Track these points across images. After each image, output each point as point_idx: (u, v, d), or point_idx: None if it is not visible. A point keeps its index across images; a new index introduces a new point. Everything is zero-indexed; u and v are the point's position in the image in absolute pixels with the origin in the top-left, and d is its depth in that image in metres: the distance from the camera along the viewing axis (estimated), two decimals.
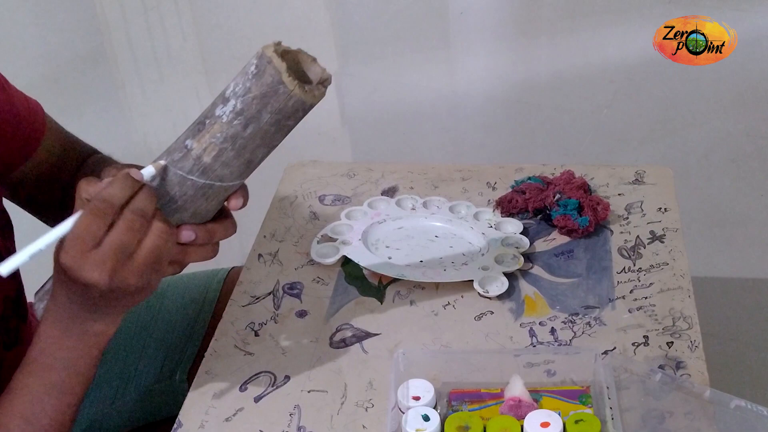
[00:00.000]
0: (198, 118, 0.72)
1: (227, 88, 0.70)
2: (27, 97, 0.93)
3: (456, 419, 0.77)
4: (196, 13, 3.82)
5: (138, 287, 0.70)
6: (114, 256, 0.67)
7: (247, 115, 0.70)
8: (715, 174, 2.34)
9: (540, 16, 3.50)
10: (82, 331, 0.73)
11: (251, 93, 0.69)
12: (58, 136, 0.95)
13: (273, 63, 0.68)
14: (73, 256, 0.67)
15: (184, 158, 0.71)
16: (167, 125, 2.90)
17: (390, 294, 0.98)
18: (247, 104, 0.69)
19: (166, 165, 0.72)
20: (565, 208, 1.05)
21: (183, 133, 0.73)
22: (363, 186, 1.18)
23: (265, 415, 0.84)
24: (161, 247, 0.70)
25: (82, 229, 0.67)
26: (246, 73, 0.69)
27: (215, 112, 0.70)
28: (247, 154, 0.71)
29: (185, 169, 0.71)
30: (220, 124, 0.70)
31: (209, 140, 0.70)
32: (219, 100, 0.71)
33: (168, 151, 0.73)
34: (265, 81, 0.69)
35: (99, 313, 0.72)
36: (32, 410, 0.75)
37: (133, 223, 0.68)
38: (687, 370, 0.85)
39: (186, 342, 1.09)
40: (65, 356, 0.74)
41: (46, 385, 0.75)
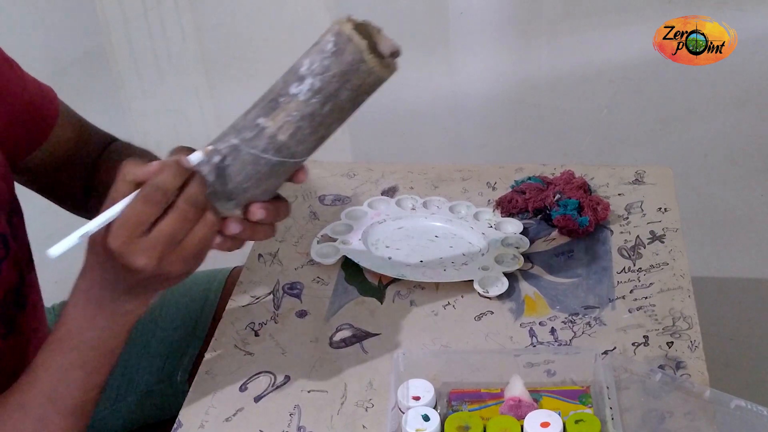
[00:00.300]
0: (267, 95, 0.72)
1: (300, 65, 0.70)
2: (40, 82, 0.93)
3: (456, 419, 0.77)
4: (196, 13, 3.81)
5: (180, 274, 0.71)
6: (164, 243, 0.68)
7: (326, 93, 0.69)
8: (715, 174, 2.34)
9: (540, 16, 3.49)
10: (113, 311, 0.73)
11: (330, 71, 0.69)
12: (72, 121, 0.96)
13: (354, 41, 0.68)
14: (123, 242, 0.68)
15: (258, 137, 0.71)
16: (167, 125, 2.90)
17: (390, 294, 0.98)
18: (326, 82, 0.69)
19: (237, 144, 0.71)
20: (565, 208, 1.05)
21: (251, 111, 0.72)
22: (363, 186, 1.18)
23: (265, 415, 0.84)
24: (209, 237, 0.70)
25: (133, 216, 0.67)
26: (323, 51, 0.69)
27: (289, 90, 0.70)
28: (322, 131, 0.72)
29: (259, 147, 0.71)
30: (296, 102, 0.70)
31: (285, 118, 0.70)
32: (291, 77, 0.70)
33: (235, 129, 0.72)
34: (345, 59, 0.68)
35: (132, 294, 0.73)
36: (56, 389, 0.75)
37: (187, 214, 0.68)
38: (687, 370, 0.85)
39: (187, 343, 1.09)
40: (94, 335, 0.74)
41: (73, 364, 0.75)
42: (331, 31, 0.69)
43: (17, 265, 0.86)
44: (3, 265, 0.83)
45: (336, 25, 0.69)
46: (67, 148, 0.95)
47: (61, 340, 0.75)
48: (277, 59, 3.28)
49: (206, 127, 2.98)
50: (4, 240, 0.84)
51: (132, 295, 0.73)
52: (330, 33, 0.69)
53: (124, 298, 0.73)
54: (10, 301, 0.85)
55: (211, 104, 3.17)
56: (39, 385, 0.75)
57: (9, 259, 0.84)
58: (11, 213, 0.86)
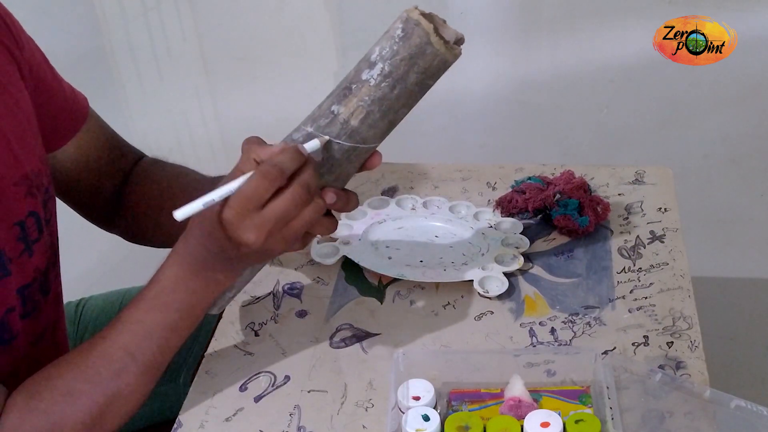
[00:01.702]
0: (341, 84, 0.75)
1: (371, 53, 0.74)
2: (74, 87, 0.98)
3: (456, 419, 0.77)
4: (196, 13, 3.81)
5: (280, 252, 0.76)
6: (274, 222, 0.72)
7: (395, 77, 0.73)
8: (715, 174, 2.34)
9: (540, 16, 3.49)
10: (206, 278, 0.78)
11: (399, 55, 0.72)
12: (102, 131, 0.99)
13: (421, 25, 0.72)
14: (237, 213, 0.72)
15: (331, 123, 0.75)
16: (167, 125, 2.90)
17: (390, 294, 0.98)
18: (395, 66, 0.73)
19: (312, 132, 0.75)
20: (565, 208, 1.05)
21: (325, 101, 0.76)
22: (363, 186, 1.18)
23: (265, 415, 0.84)
24: (315, 221, 0.75)
25: (250, 190, 0.71)
26: (392, 37, 0.73)
27: (361, 76, 0.74)
28: (391, 115, 0.75)
29: (333, 134, 0.75)
30: (367, 87, 0.74)
31: (357, 104, 0.74)
32: (363, 65, 0.74)
33: (312, 118, 0.76)
34: (413, 42, 0.72)
35: (229, 264, 0.77)
36: (138, 345, 0.78)
37: (301, 197, 0.72)
38: (687, 370, 0.85)
39: (191, 344, 1.09)
40: (184, 298, 0.78)
41: (158, 323, 0.79)
42: (399, 19, 0.73)
43: (48, 250, 0.88)
44: (35, 247, 0.85)
45: (404, 13, 0.73)
46: (94, 155, 0.98)
47: (152, 299, 0.78)
48: (277, 59, 3.29)
49: (206, 127, 2.98)
50: (39, 222, 0.86)
51: (227, 265, 0.77)
52: (399, 20, 0.73)
53: (220, 267, 0.77)
54: (37, 287, 0.87)
55: (211, 104, 3.17)
56: (122, 339, 0.78)
57: (42, 243, 0.86)
58: (47, 198, 0.88)
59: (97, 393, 0.77)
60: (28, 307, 0.85)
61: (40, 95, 0.90)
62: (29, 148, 0.85)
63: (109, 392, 0.78)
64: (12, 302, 0.83)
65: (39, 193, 0.86)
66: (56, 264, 0.92)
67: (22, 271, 0.83)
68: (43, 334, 0.90)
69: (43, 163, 0.88)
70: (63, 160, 0.95)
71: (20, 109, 0.85)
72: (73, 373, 0.78)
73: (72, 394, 0.77)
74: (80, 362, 0.78)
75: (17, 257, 0.82)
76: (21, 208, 0.83)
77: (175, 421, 0.84)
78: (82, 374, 0.78)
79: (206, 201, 0.72)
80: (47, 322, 0.91)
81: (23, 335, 0.85)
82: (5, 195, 0.81)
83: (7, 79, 0.84)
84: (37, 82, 0.90)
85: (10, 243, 0.82)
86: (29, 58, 0.89)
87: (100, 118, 1.00)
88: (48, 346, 0.91)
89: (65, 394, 0.77)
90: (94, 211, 1.03)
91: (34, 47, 0.91)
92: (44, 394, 0.77)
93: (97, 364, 0.78)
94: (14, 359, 0.85)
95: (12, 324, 0.83)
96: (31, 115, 0.87)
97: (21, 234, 0.83)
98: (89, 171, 0.98)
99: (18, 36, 0.87)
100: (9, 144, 0.82)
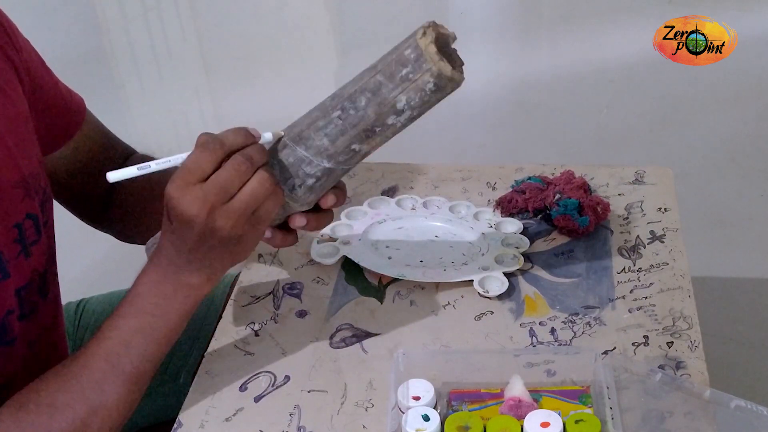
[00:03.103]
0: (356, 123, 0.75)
1: (394, 100, 0.74)
2: (71, 89, 0.98)
3: (456, 419, 0.77)
4: (196, 13, 3.81)
5: (231, 236, 0.73)
6: (215, 193, 0.71)
7: (417, 115, 0.76)
8: (715, 174, 2.34)
9: (540, 16, 3.50)
10: (177, 280, 0.77)
11: (429, 103, 0.75)
12: (97, 131, 0.99)
13: (455, 80, 0.73)
14: (178, 186, 0.71)
15: (353, 158, 0.77)
16: (167, 125, 2.90)
17: (390, 294, 0.98)
18: (424, 110, 0.76)
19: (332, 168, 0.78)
20: (565, 208, 1.05)
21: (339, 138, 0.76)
22: (363, 186, 1.18)
23: (265, 415, 0.84)
24: (260, 195, 0.73)
25: (191, 162, 0.71)
26: (422, 90, 0.73)
27: (386, 121, 0.75)
28: None
29: (352, 163, 0.78)
30: (394, 128, 0.76)
31: (380, 141, 0.77)
32: (388, 110, 0.75)
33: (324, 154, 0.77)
34: (446, 92, 0.74)
35: (195, 263, 0.76)
36: (117, 353, 0.78)
37: (240, 165, 0.71)
38: (687, 370, 0.85)
39: (192, 344, 1.09)
40: (159, 302, 0.77)
41: (135, 329, 0.78)
42: (429, 72, 0.72)
43: (46, 252, 0.88)
44: (34, 249, 0.85)
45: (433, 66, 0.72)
46: (89, 156, 0.98)
47: (128, 305, 0.78)
48: (277, 59, 3.30)
49: (206, 127, 2.97)
50: (37, 224, 0.86)
51: (194, 264, 0.76)
52: (428, 74, 0.72)
53: (187, 267, 0.76)
54: (35, 288, 0.87)
55: (210, 104, 3.17)
56: (101, 348, 0.78)
57: (40, 244, 0.86)
58: (44, 200, 0.88)
59: (80, 404, 0.76)
60: (26, 308, 0.85)
61: (37, 98, 0.90)
62: (27, 151, 0.85)
63: (91, 403, 0.77)
64: (11, 304, 0.83)
65: (37, 195, 0.86)
66: (54, 265, 0.92)
67: (20, 272, 0.83)
68: (41, 335, 0.90)
69: (41, 165, 0.88)
70: (58, 161, 0.95)
71: (18, 112, 0.85)
72: (57, 384, 0.77)
73: (55, 406, 0.76)
74: (64, 374, 0.78)
75: (15, 259, 0.83)
76: (19, 210, 0.83)
77: (175, 421, 0.84)
78: (65, 385, 0.77)
79: (142, 166, 0.73)
80: (45, 324, 0.91)
81: (21, 337, 0.85)
82: (3, 197, 0.81)
83: (5, 83, 0.84)
84: (35, 85, 0.90)
85: (8, 245, 0.82)
86: (26, 61, 0.89)
87: (95, 118, 1.00)
88: (46, 347, 0.91)
89: (49, 405, 0.76)
90: (87, 210, 1.03)
91: (31, 50, 0.91)
92: (30, 407, 0.76)
93: (79, 374, 0.77)
94: (13, 361, 0.85)
95: (11, 326, 0.83)
96: (28, 118, 0.87)
97: (19, 236, 0.83)
98: (84, 171, 0.98)
99: (15, 39, 0.87)
100: (7, 147, 0.82)
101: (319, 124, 0.77)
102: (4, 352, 0.83)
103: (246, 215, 0.73)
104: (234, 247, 0.75)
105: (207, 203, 0.71)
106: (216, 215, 0.72)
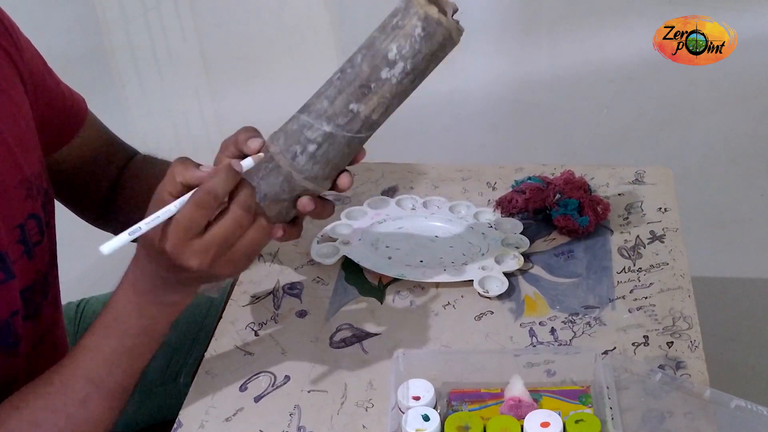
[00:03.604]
0: (352, 79, 0.75)
1: (386, 50, 0.74)
2: (72, 89, 0.97)
3: (456, 419, 0.77)
4: (196, 13, 3.82)
5: (229, 274, 0.74)
6: (217, 246, 0.71)
7: (417, 72, 0.74)
8: (715, 174, 2.34)
9: (540, 16, 3.50)
10: (160, 302, 0.77)
11: (421, 53, 0.73)
12: (99, 131, 0.99)
13: (443, 25, 0.73)
14: (176, 244, 0.70)
15: (352, 121, 0.76)
16: (167, 125, 2.90)
17: (390, 294, 0.98)
18: (417, 63, 0.74)
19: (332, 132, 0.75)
20: (565, 208, 1.05)
21: (338, 97, 0.75)
22: (363, 186, 1.18)
23: (265, 415, 0.84)
24: (261, 241, 0.73)
25: (186, 220, 0.70)
26: (411, 36, 0.73)
27: (380, 75, 0.74)
28: (405, 99, 0.77)
29: (354, 130, 0.76)
30: (389, 85, 0.74)
31: (378, 101, 0.75)
32: (380, 62, 0.74)
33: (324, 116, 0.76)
34: (436, 40, 0.73)
35: (180, 287, 0.76)
36: (99, 373, 0.77)
37: (242, 220, 0.71)
38: (687, 370, 0.85)
39: (192, 345, 1.09)
40: (140, 323, 0.77)
41: (117, 349, 0.77)
42: (416, 15, 0.73)
43: (48, 252, 0.88)
44: (37, 250, 0.85)
45: (420, 10, 0.72)
46: (91, 156, 0.98)
47: (108, 326, 0.77)
48: (277, 59, 3.29)
49: (206, 126, 2.98)
50: (39, 224, 0.86)
51: (179, 288, 0.76)
52: (416, 17, 0.73)
53: (171, 290, 0.76)
54: (38, 289, 0.87)
55: (210, 104, 3.17)
56: (83, 368, 0.77)
57: (43, 245, 0.86)
58: (46, 200, 0.88)
59: (62, 422, 0.76)
60: (29, 309, 0.86)
61: (39, 98, 0.90)
62: (29, 152, 0.85)
63: (75, 420, 0.77)
64: (16, 305, 0.83)
65: (39, 195, 0.86)
66: (55, 266, 0.92)
67: (24, 273, 0.84)
68: (43, 336, 0.90)
69: (43, 166, 0.88)
70: (60, 160, 0.95)
71: (20, 112, 0.85)
72: (38, 402, 0.77)
73: (37, 424, 0.76)
74: (44, 391, 0.78)
75: (18, 259, 0.83)
76: (22, 211, 0.83)
77: (175, 421, 0.84)
78: (46, 403, 0.77)
79: (132, 230, 0.70)
80: (46, 324, 0.91)
81: (26, 338, 0.85)
82: (6, 198, 0.81)
83: (7, 83, 0.84)
84: (37, 86, 0.90)
85: (12, 246, 0.82)
86: (28, 62, 0.89)
87: (97, 118, 1.00)
88: (47, 348, 0.91)
89: (31, 423, 0.76)
90: (89, 209, 1.03)
91: (33, 50, 0.91)
92: (11, 424, 0.76)
93: (61, 392, 0.77)
94: (17, 363, 0.85)
95: (16, 327, 0.83)
96: (30, 119, 0.87)
97: (22, 236, 0.83)
98: (86, 171, 0.99)
99: (17, 39, 0.87)
100: (9, 147, 0.82)
101: (321, 90, 0.77)
102: (9, 353, 0.83)
103: (246, 260, 0.74)
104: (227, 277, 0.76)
105: (208, 256, 0.71)
106: (217, 264, 0.72)
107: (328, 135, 0.76)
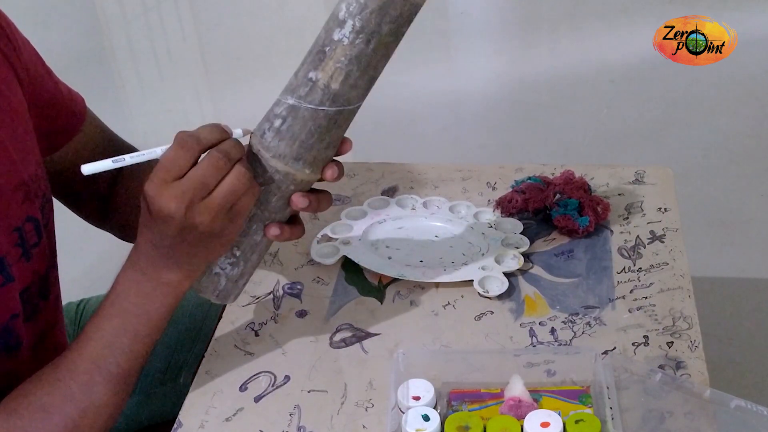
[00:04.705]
0: (313, 49, 0.74)
1: (337, 11, 0.72)
2: (71, 88, 0.97)
3: (456, 419, 0.77)
4: (196, 13, 3.82)
5: (211, 231, 0.73)
6: (193, 189, 0.71)
7: (368, 31, 0.71)
8: (715, 174, 2.34)
9: (540, 16, 3.50)
10: (157, 278, 0.77)
11: (368, 8, 0.71)
12: (98, 131, 0.99)
13: None
14: (156, 185, 0.71)
15: (312, 91, 0.74)
16: (167, 125, 2.90)
17: (390, 294, 0.98)
18: (366, 20, 0.71)
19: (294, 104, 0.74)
20: (565, 208, 1.05)
21: (301, 69, 0.74)
22: (363, 186, 1.18)
23: (265, 415, 0.84)
24: (238, 190, 0.73)
25: (167, 160, 0.71)
26: None
27: (333, 37, 0.72)
28: (370, 71, 0.74)
29: (315, 101, 0.74)
30: (342, 47, 0.72)
31: (334, 66, 0.72)
32: (333, 24, 0.72)
33: (290, 89, 0.75)
34: None
35: (174, 259, 0.76)
36: (102, 354, 0.78)
37: (218, 161, 0.72)
38: (687, 370, 0.85)
39: (192, 345, 1.09)
40: (140, 302, 0.78)
41: (118, 329, 0.78)
42: None
43: (46, 254, 0.88)
44: (34, 252, 0.85)
45: None
46: (91, 155, 0.98)
47: (110, 306, 0.78)
48: (277, 59, 3.29)
49: None
50: (37, 226, 0.86)
51: (172, 260, 0.76)
52: None
53: (166, 264, 0.76)
54: (36, 290, 0.87)
55: (210, 104, 3.18)
56: (87, 350, 0.78)
57: (41, 247, 0.86)
58: (44, 202, 0.89)
59: (69, 407, 0.77)
60: (28, 310, 0.86)
61: (37, 99, 0.90)
62: (27, 154, 0.85)
63: (80, 405, 0.77)
64: (16, 308, 0.83)
65: (37, 198, 0.86)
66: (55, 267, 0.92)
67: (22, 275, 0.84)
68: (43, 337, 0.90)
69: (41, 167, 0.88)
70: (59, 160, 0.95)
71: (17, 114, 0.85)
72: (45, 388, 0.78)
73: (46, 410, 0.77)
74: (52, 377, 0.78)
75: (16, 262, 0.83)
76: (19, 214, 0.83)
77: (175, 421, 0.84)
78: (53, 389, 0.78)
79: (116, 159, 0.73)
80: (47, 325, 0.91)
81: (27, 340, 0.85)
82: (3, 202, 0.81)
83: (5, 85, 0.84)
84: (35, 86, 0.90)
85: (9, 249, 0.82)
86: (26, 62, 0.88)
87: (96, 117, 1.00)
88: (48, 349, 0.91)
89: (40, 409, 0.77)
90: (88, 209, 1.03)
91: (31, 50, 0.91)
92: (22, 411, 0.77)
93: (67, 377, 0.78)
94: (19, 364, 0.85)
95: (17, 330, 0.83)
96: (27, 121, 0.87)
97: (19, 239, 0.83)
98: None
99: (15, 40, 0.87)
100: (6, 150, 0.82)
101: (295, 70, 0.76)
102: (11, 355, 0.83)
103: (224, 210, 0.73)
104: (212, 243, 0.76)
105: (185, 199, 0.71)
106: (194, 211, 0.72)
107: (291, 108, 0.74)
